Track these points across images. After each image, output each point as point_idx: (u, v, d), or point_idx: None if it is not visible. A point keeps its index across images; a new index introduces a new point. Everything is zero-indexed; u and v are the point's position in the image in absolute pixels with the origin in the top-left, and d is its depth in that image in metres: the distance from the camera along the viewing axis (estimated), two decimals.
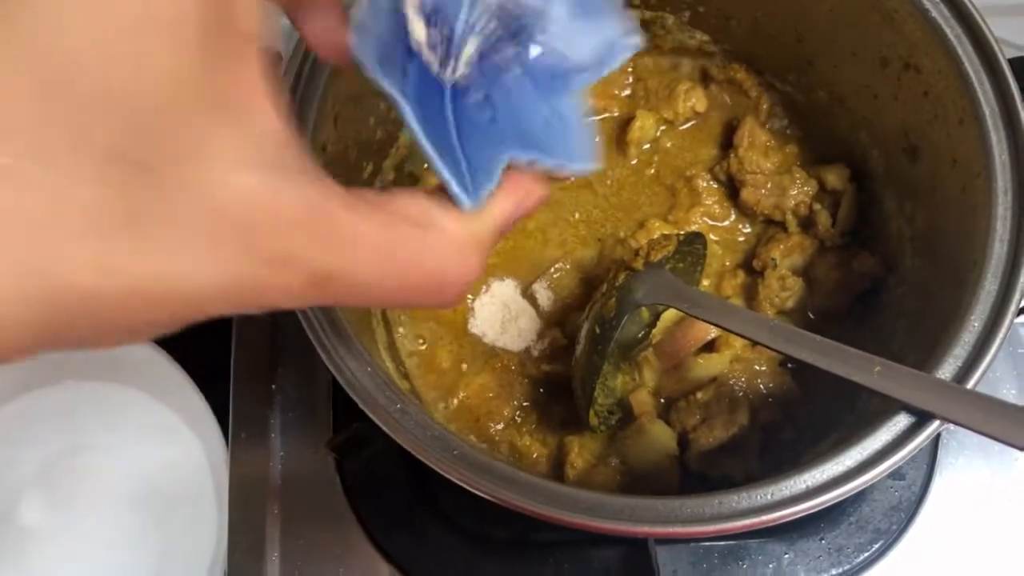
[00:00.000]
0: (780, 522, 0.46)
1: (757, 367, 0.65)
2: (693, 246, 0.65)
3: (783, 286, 0.67)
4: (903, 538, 0.67)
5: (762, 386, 0.64)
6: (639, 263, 0.61)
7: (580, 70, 0.29)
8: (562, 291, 0.71)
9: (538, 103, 0.29)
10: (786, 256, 0.68)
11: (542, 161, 0.29)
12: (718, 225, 0.73)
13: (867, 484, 0.46)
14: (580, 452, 0.63)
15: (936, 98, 0.59)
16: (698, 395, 0.64)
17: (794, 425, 0.64)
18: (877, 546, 0.67)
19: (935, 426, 0.47)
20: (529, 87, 0.28)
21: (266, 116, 0.27)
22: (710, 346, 0.65)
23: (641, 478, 0.63)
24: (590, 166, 0.30)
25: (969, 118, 0.55)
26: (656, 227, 0.71)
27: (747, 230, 0.73)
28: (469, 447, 0.46)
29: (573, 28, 0.28)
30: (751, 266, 0.70)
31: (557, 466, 0.65)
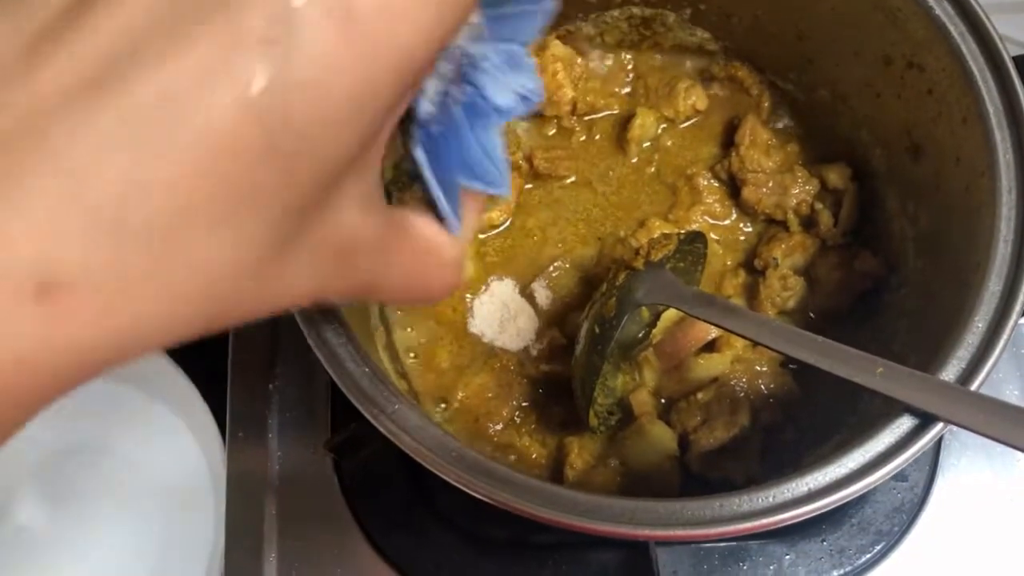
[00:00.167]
0: (782, 525, 0.45)
1: (758, 368, 0.64)
2: (694, 245, 0.64)
3: (784, 286, 0.66)
4: (905, 539, 0.67)
5: (763, 387, 0.64)
6: (639, 262, 0.60)
7: (502, 112, 0.34)
8: (561, 290, 0.70)
9: (473, 137, 0.34)
10: (787, 255, 0.68)
11: (477, 187, 0.35)
12: (719, 224, 0.72)
13: (870, 487, 0.46)
14: (580, 453, 0.63)
15: (939, 96, 0.58)
16: (699, 396, 0.63)
17: (795, 426, 0.63)
18: (879, 547, 0.66)
19: (938, 428, 0.47)
20: (467, 123, 0.34)
21: (380, 163, 0.30)
22: (711, 346, 0.65)
23: (641, 479, 0.62)
24: (506, 192, 0.36)
25: (973, 116, 0.55)
26: (656, 226, 0.70)
27: (748, 229, 0.72)
28: (467, 449, 0.46)
29: (503, 76, 0.34)
30: (752, 265, 0.70)
31: (556, 467, 0.64)
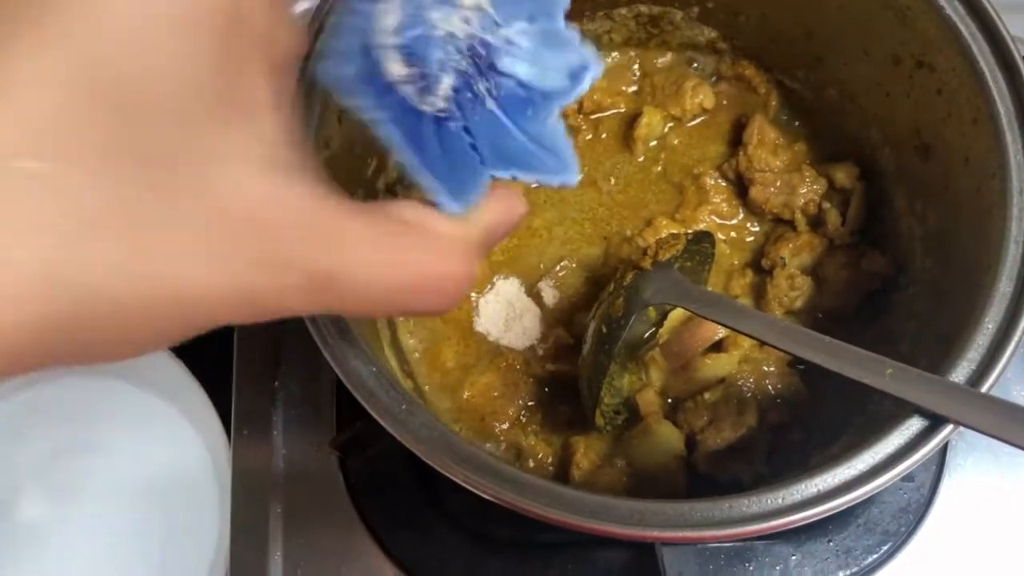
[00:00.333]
0: (791, 527, 0.45)
1: (765, 368, 0.64)
2: (701, 245, 0.64)
3: (792, 285, 0.66)
4: (912, 540, 0.67)
5: (770, 387, 0.64)
6: (647, 262, 0.60)
7: (550, 96, 0.31)
8: (568, 290, 0.70)
9: (513, 128, 0.32)
10: (795, 255, 0.68)
11: (522, 176, 0.32)
12: (726, 223, 0.72)
13: (879, 489, 0.46)
14: (586, 452, 0.63)
15: (949, 96, 0.58)
16: (706, 396, 0.63)
17: (803, 427, 0.63)
18: (885, 548, 0.66)
19: (948, 430, 0.46)
20: (504, 115, 0.31)
21: (274, 116, 0.27)
22: (718, 346, 0.65)
23: (647, 479, 0.62)
24: (571, 178, 0.33)
25: (983, 117, 0.54)
26: (663, 225, 0.70)
27: (755, 228, 0.72)
28: (475, 449, 0.46)
29: (540, 59, 0.31)
30: (759, 265, 0.69)
31: (562, 466, 0.64)
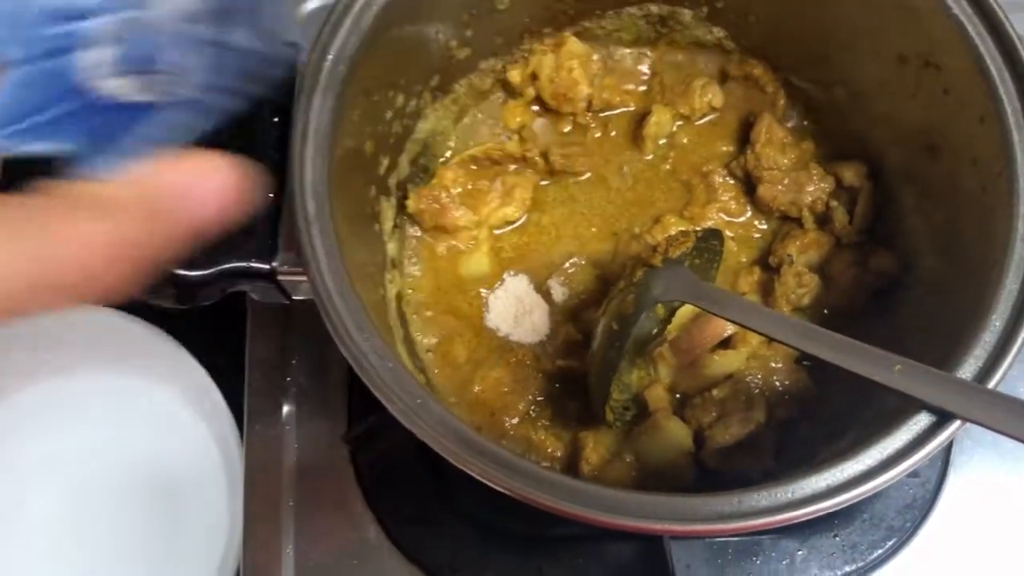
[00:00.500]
0: (799, 521, 0.46)
1: (773, 364, 0.65)
2: (710, 242, 0.64)
3: (800, 283, 0.67)
4: (917, 535, 0.68)
5: (778, 383, 0.64)
6: (657, 259, 0.61)
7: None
8: (577, 286, 0.71)
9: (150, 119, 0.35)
10: (802, 253, 0.68)
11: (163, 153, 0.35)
12: (734, 221, 0.73)
13: (887, 484, 0.46)
14: (595, 447, 0.63)
15: (957, 96, 0.58)
16: (714, 392, 0.64)
17: (810, 422, 0.64)
18: (891, 543, 0.67)
19: (956, 426, 0.47)
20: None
21: None
22: (726, 343, 0.65)
23: (656, 474, 0.63)
24: (98, 171, 0.35)
25: (991, 116, 0.55)
26: (672, 223, 0.71)
27: (763, 226, 0.73)
28: (490, 443, 0.46)
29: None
30: (767, 263, 0.70)
31: (572, 461, 0.65)
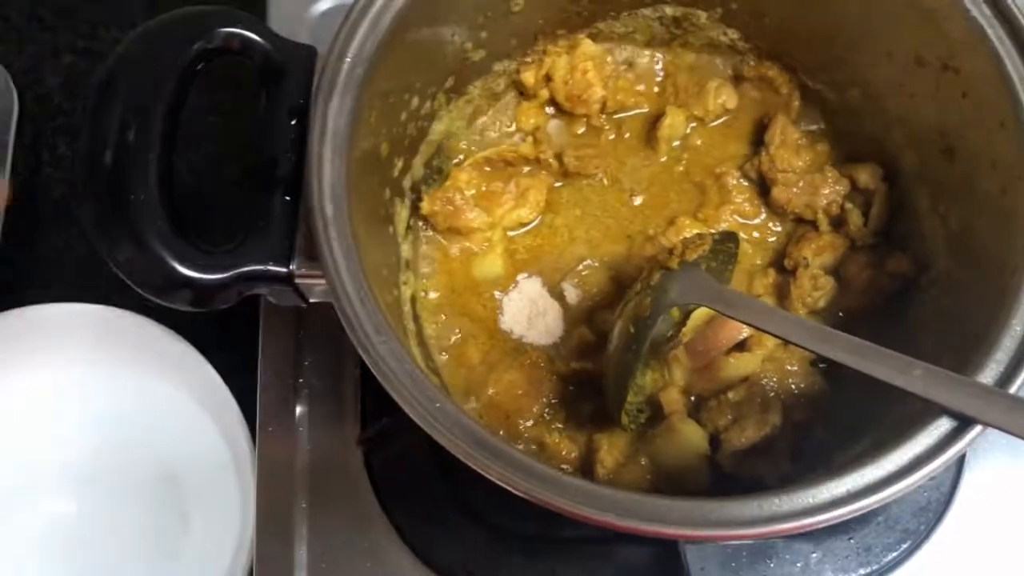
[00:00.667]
0: (820, 526, 0.46)
1: (788, 367, 0.64)
2: (726, 245, 0.64)
3: (815, 285, 0.66)
4: (931, 538, 0.68)
5: (793, 386, 0.64)
6: (674, 262, 0.61)
7: None
8: (591, 288, 0.71)
9: None
10: (817, 255, 0.68)
11: None
12: (748, 223, 0.72)
13: (908, 489, 0.46)
14: (610, 450, 0.63)
15: (976, 99, 0.58)
16: (729, 395, 0.63)
17: (826, 425, 0.64)
18: (905, 546, 0.67)
19: (977, 431, 0.47)
20: None
21: None
22: (741, 345, 0.65)
23: (671, 478, 0.63)
24: None
25: (1011, 121, 0.55)
26: (686, 225, 0.71)
27: (777, 229, 0.72)
28: (508, 447, 0.46)
29: None
30: (781, 265, 0.70)
31: (586, 464, 0.65)
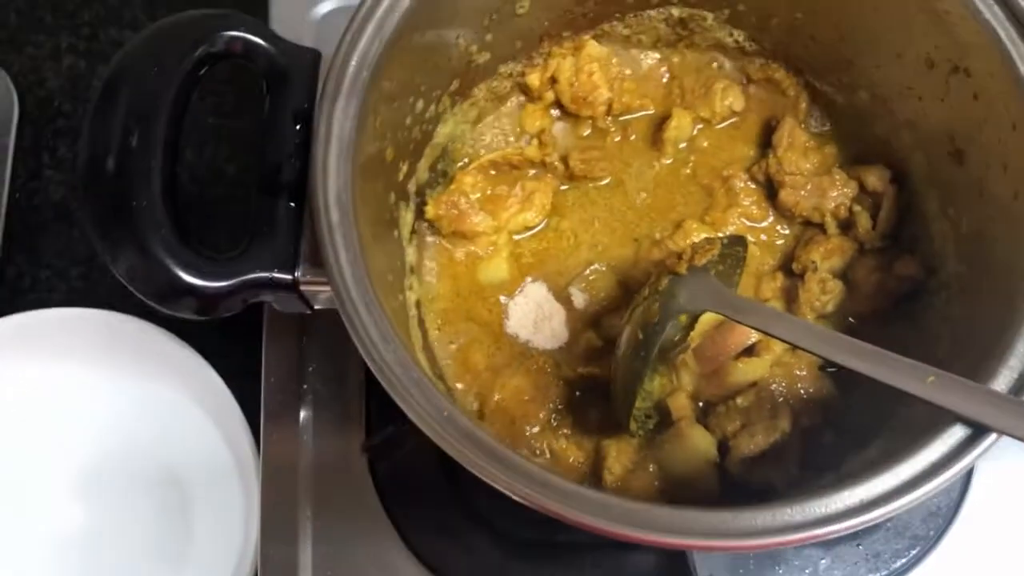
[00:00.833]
0: (833, 536, 0.45)
1: (797, 371, 0.64)
2: (734, 249, 0.64)
3: (824, 289, 0.66)
4: (940, 543, 0.67)
5: (802, 391, 0.64)
6: (682, 267, 0.60)
7: None
8: (598, 293, 0.70)
9: None
10: (826, 259, 0.67)
11: None
12: (756, 226, 0.72)
13: (922, 499, 0.46)
14: (618, 457, 0.63)
15: (987, 102, 0.57)
16: (738, 400, 0.63)
17: (835, 431, 0.63)
18: (915, 552, 0.67)
19: (991, 439, 0.47)
20: None
21: None
22: (749, 350, 0.65)
23: (680, 484, 0.62)
24: None
25: (1023, 124, 0.54)
26: (693, 228, 0.70)
27: (785, 231, 0.72)
28: (519, 457, 0.46)
29: None
30: (789, 268, 0.69)
31: (594, 471, 0.64)
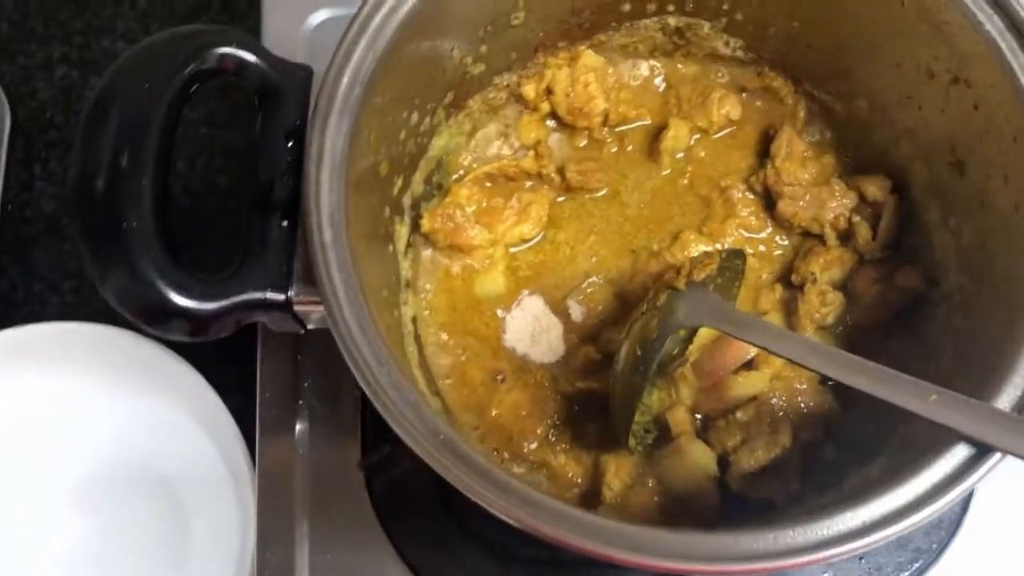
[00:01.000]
0: (838, 559, 0.45)
1: (797, 385, 0.63)
2: (733, 262, 0.63)
3: (823, 301, 0.65)
4: (943, 557, 0.67)
5: (803, 405, 0.63)
6: (681, 282, 0.59)
7: None
8: (596, 306, 0.69)
9: None
10: (825, 270, 0.67)
11: None
12: (754, 237, 0.71)
13: (926, 520, 0.45)
14: (617, 472, 0.62)
15: (987, 113, 0.57)
16: (738, 414, 0.62)
17: (836, 444, 0.63)
18: (917, 565, 0.66)
19: (996, 459, 0.46)
20: None
21: None
22: (748, 364, 0.64)
23: (679, 500, 0.61)
24: None
25: None
26: (691, 239, 0.69)
27: (784, 242, 0.71)
28: (518, 482, 0.45)
29: None
30: (789, 279, 0.69)
31: (593, 487, 0.63)
